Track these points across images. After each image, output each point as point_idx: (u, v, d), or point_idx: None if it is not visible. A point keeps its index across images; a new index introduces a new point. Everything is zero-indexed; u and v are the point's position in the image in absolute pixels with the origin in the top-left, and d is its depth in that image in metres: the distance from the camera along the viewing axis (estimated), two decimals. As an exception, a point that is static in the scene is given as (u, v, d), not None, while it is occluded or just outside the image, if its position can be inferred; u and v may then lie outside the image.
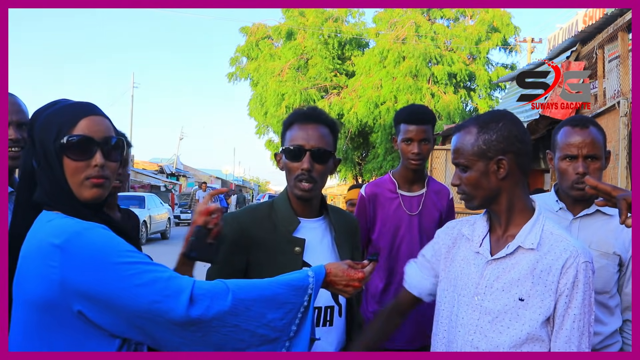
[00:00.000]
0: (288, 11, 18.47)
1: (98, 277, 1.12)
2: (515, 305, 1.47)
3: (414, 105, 2.64)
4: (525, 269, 1.48)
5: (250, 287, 1.25)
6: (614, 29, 5.40)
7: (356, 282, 1.43)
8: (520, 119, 1.57)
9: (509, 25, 16.77)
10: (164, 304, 1.13)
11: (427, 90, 16.10)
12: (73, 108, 1.29)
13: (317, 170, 1.70)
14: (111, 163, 1.29)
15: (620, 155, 4.70)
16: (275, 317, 1.25)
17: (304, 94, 17.05)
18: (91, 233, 1.16)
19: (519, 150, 1.50)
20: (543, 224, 1.52)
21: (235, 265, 1.69)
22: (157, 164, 37.95)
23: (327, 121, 1.77)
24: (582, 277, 1.44)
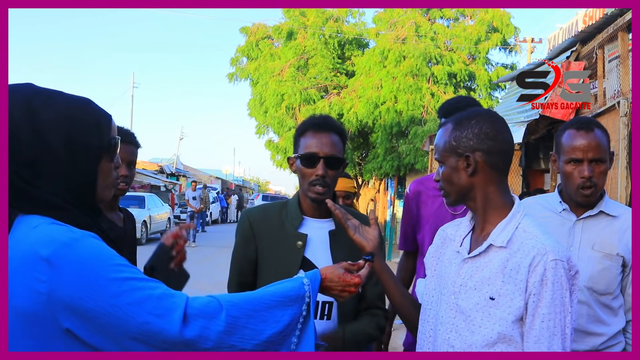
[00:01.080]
0: (288, 11, 18.46)
1: (89, 293, 1.05)
2: (486, 304, 1.46)
3: (454, 99, 2.55)
4: (496, 268, 1.47)
5: (244, 303, 1.20)
6: (614, 29, 5.40)
7: (352, 287, 1.43)
8: (502, 119, 1.57)
9: (509, 26, 16.75)
10: (156, 324, 1.08)
11: (427, 90, 16.10)
12: (97, 107, 1.24)
13: (330, 175, 1.85)
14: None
15: (620, 155, 4.70)
16: (274, 332, 1.21)
17: (304, 93, 17.04)
18: (81, 244, 1.09)
19: (489, 148, 1.50)
20: (519, 221, 1.51)
21: (247, 253, 1.91)
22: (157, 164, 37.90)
23: (337, 129, 1.92)
24: (551, 276, 1.40)
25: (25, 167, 1.14)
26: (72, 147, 1.17)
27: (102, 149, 1.21)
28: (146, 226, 15.68)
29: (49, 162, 1.15)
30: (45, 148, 1.15)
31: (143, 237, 15.15)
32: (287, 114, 17.25)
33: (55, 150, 1.15)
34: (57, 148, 1.16)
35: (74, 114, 1.19)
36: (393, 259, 12.86)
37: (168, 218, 17.78)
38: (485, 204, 1.54)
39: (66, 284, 1.05)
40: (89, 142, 1.19)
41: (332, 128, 1.90)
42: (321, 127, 1.89)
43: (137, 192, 19.50)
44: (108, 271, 1.08)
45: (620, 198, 4.63)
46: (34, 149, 1.14)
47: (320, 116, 1.96)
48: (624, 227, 2.07)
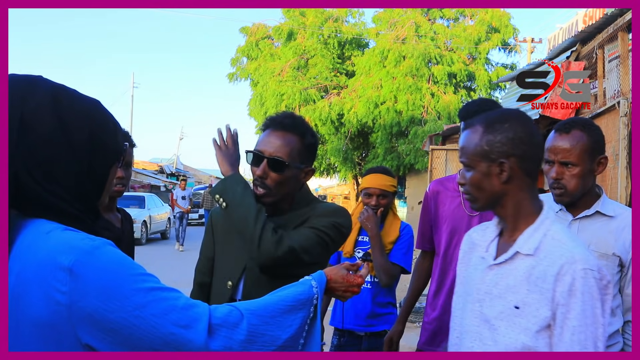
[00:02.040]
0: (288, 11, 18.47)
1: (112, 304, 1.00)
2: (511, 312, 1.42)
3: (475, 102, 2.53)
4: (521, 275, 1.43)
5: (262, 310, 1.19)
6: (614, 29, 5.40)
7: (355, 288, 1.45)
8: (532, 120, 1.51)
9: (508, 26, 16.77)
10: (182, 336, 1.04)
11: (427, 90, 16.10)
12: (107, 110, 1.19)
13: (272, 178, 1.71)
14: None
15: (620, 155, 4.70)
16: (288, 336, 1.21)
17: (304, 93, 17.05)
18: (102, 253, 1.03)
19: (524, 154, 1.44)
20: (548, 228, 1.45)
21: (207, 252, 1.91)
22: (157, 164, 37.93)
23: (296, 130, 1.75)
24: (580, 285, 1.34)
25: (39, 166, 1.05)
26: (94, 147, 1.11)
27: (117, 153, 1.17)
28: (146, 226, 15.67)
29: (68, 163, 1.08)
30: (69, 146, 1.07)
31: (143, 237, 15.15)
32: (287, 114, 17.26)
33: (78, 149, 1.08)
34: (81, 147, 1.09)
35: (97, 114, 1.14)
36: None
37: (168, 218, 17.77)
38: (515, 211, 1.48)
39: (89, 295, 1.00)
40: (109, 144, 1.15)
41: (288, 128, 1.74)
42: (277, 125, 1.75)
43: (137, 192, 19.50)
44: (131, 281, 1.03)
45: (620, 198, 4.63)
46: (55, 146, 1.06)
47: (283, 113, 1.81)
48: (621, 227, 2.07)
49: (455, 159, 9.17)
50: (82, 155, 1.09)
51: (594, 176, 2.08)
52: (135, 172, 28.56)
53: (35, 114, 1.05)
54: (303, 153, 1.76)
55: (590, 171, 2.05)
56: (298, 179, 1.78)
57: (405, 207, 15.88)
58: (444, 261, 2.47)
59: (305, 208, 1.82)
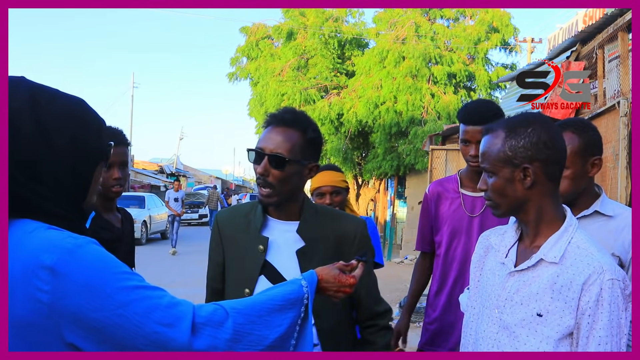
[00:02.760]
0: (288, 11, 18.46)
1: (95, 303, 1.00)
2: (533, 320, 1.40)
3: (474, 103, 2.51)
4: (545, 283, 1.41)
5: (248, 309, 1.19)
6: (614, 29, 5.40)
7: (347, 288, 1.43)
8: (553, 123, 1.49)
9: (508, 26, 16.76)
10: (165, 334, 1.04)
11: (427, 91, 16.10)
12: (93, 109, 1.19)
13: (274, 175, 1.66)
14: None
15: (620, 155, 4.70)
16: (277, 336, 1.21)
17: (304, 93, 17.05)
18: (85, 251, 1.03)
19: (547, 158, 1.42)
20: (572, 236, 1.43)
21: (216, 258, 1.85)
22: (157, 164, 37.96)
23: (298, 125, 1.71)
24: (608, 296, 1.33)
25: (22, 168, 1.06)
26: (75, 148, 1.11)
27: (101, 153, 1.18)
28: (146, 226, 15.69)
29: (49, 163, 1.08)
30: (48, 147, 1.07)
31: (143, 237, 15.16)
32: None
33: (59, 150, 1.08)
34: (60, 148, 1.09)
35: (78, 114, 1.13)
36: (393, 259, 12.83)
37: (168, 218, 17.80)
38: (538, 216, 1.46)
39: (71, 294, 0.99)
40: (91, 145, 1.14)
41: (289, 123, 1.70)
42: (278, 122, 1.71)
43: (137, 192, 19.51)
44: (114, 279, 1.03)
45: (620, 198, 4.63)
46: (35, 148, 1.06)
47: (283, 109, 1.76)
48: (620, 227, 2.06)
49: (456, 159, 9.17)
50: (63, 156, 1.09)
51: (587, 177, 2.07)
52: (135, 172, 28.56)
53: (16, 115, 1.05)
54: (305, 148, 1.71)
55: (583, 173, 2.03)
56: (302, 176, 1.73)
57: (405, 207, 15.86)
58: (444, 262, 2.46)
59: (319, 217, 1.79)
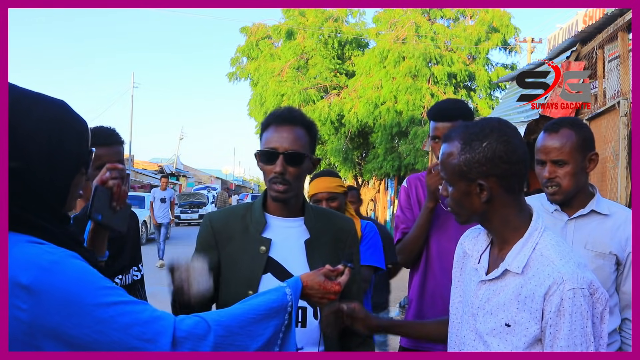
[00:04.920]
0: (288, 11, 18.46)
1: (73, 321, 1.00)
2: (502, 330, 1.40)
3: (444, 101, 2.54)
4: (511, 294, 1.40)
5: (230, 320, 1.19)
6: (614, 29, 5.39)
7: (332, 295, 1.44)
8: (514, 130, 1.44)
9: (509, 26, 16.76)
10: (145, 349, 1.04)
11: (427, 91, 16.09)
12: (76, 113, 1.17)
13: (291, 172, 1.70)
14: None
15: (620, 155, 4.70)
16: (259, 345, 1.21)
17: (304, 94, 17.05)
18: (63, 268, 1.02)
19: (504, 173, 1.38)
20: (536, 242, 1.41)
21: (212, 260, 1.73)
22: (157, 164, 37.96)
23: (303, 122, 1.76)
24: (569, 306, 1.31)
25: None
26: (54, 156, 1.09)
27: (81, 159, 1.16)
28: (146, 226, 15.69)
29: (26, 173, 1.06)
30: (25, 157, 1.06)
31: (143, 237, 15.15)
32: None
33: (36, 160, 1.07)
34: (37, 158, 1.07)
35: (58, 120, 1.11)
36: (393, 259, 12.74)
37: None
38: (502, 225, 1.45)
39: (49, 312, 0.99)
40: (71, 151, 1.12)
41: (295, 121, 1.74)
42: (284, 121, 1.74)
43: (137, 192, 19.51)
44: (93, 296, 1.02)
45: (620, 198, 4.63)
46: (12, 158, 1.04)
47: (285, 108, 1.80)
48: (617, 225, 2.08)
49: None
50: (38, 163, 1.07)
51: (586, 174, 2.09)
52: (135, 172, 28.57)
53: None
54: (311, 144, 1.78)
55: (582, 168, 2.06)
56: (309, 171, 1.80)
57: (405, 207, 15.87)
58: (425, 257, 2.46)
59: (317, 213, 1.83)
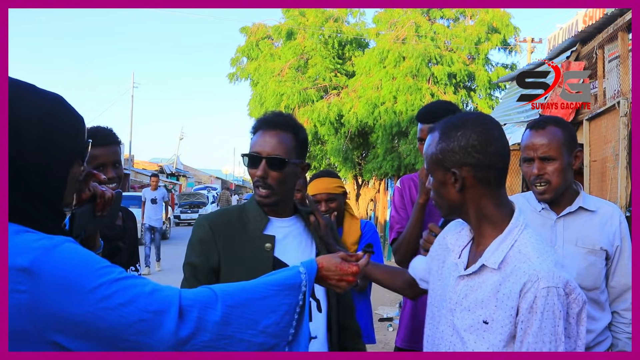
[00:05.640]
0: (288, 11, 18.45)
1: (77, 299, 0.98)
2: (480, 327, 1.39)
3: (431, 104, 2.56)
4: (489, 291, 1.39)
5: (239, 292, 1.16)
6: (614, 29, 5.39)
7: (350, 277, 1.38)
8: (495, 125, 1.44)
9: (509, 26, 16.75)
10: (152, 321, 1.03)
11: (427, 91, 16.08)
12: (71, 107, 1.17)
13: (273, 177, 1.73)
14: None
15: (620, 155, 4.70)
16: (272, 322, 1.17)
17: (304, 94, 17.04)
18: (61, 250, 1.01)
19: (477, 163, 1.39)
20: (515, 239, 1.40)
21: (209, 264, 1.73)
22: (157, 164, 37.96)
23: (289, 127, 1.77)
24: (541, 304, 1.30)
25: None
26: (46, 150, 1.08)
27: (76, 153, 1.15)
28: (144, 227, 15.66)
29: (19, 165, 1.06)
30: (18, 149, 1.05)
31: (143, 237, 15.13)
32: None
33: (29, 152, 1.06)
34: (31, 150, 1.06)
35: (50, 114, 1.10)
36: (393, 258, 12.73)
37: (168, 218, 17.81)
38: (479, 218, 1.45)
39: (50, 293, 0.97)
40: (64, 146, 1.11)
41: (280, 126, 1.76)
42: (269, 125, 1.76)
43: (137, 192, 19.50)
44: (94, 275, 1.01)
45: (620, 198, 4.63)
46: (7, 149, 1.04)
47: (273, 113, 1.83)
48: (604, 221, 2.10)
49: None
50: (34, 159, 1.07)
51: (572, 170, 2.10)
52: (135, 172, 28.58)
53: None
54: (298, 149, 1.79)
55: (569, 164, 2.07)
56: (296, 176, 1.81)
57: (405, 207, 15.87)
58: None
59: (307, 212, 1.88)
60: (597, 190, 5.23)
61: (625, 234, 2.12)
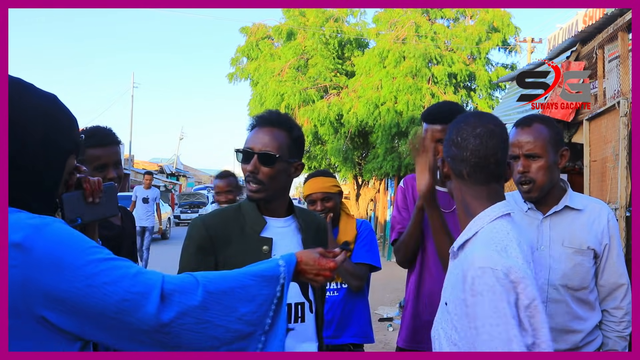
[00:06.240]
0: (288, 11, 18.46)
1: (65, 276, 1.03)
2: (443, 308, 1.42)
3: (437, 104, 2.56)
4: (452, 273, 1.45)
5: (220, 280, 1.22)
6: (614, 29, 5.39)
7: (327, 272, 1.42)
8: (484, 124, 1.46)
9: (509, 26, 16.75)
10: (135, 301, 1.07)
11: (427, 91, 16.09)
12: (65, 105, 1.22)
13: (264, 172, 1.75)
14: None
15: (620, 155, 4.70)
16: (248, 310, 1.22)
17: (304, 94, 17.04)
18: (52, 228, 1.06)
19: (454, 156, 1.47)
20: (481, 227, 1.42)
21: (206, 267, 1.69)
22: (157, 164, 37.96)
23: (284, 125, 1.80)
24: (478, 284, 1.28)
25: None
26: (48, 147, 1.13)
27: (70, 149, 1.20)
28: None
29: (22, 161, 1.10)
30: (21, 147, 1.10)
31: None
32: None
33: (31, 149, 1.11)
34: (33, 147, 1.11)
35: (50, 111, 1.15)
36: (393, 258, 12.83)
37: (168, 218, 17.82)
38: (460, 209, 1.51)
39: (40, 268, 1.01)
40: (62, 142, 1.17)
41: (275, 123, 1.79)
42: (264, 122, 1.80)
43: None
44: (83, 253, 1.06)
45: (620, 198, 4.63)
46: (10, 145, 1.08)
47: (269, 111, 1.86)
48: (592, 220, 2.09)
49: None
50: (35, 154, 1.11)
51: (558, 169, 2.08)
52: (135, 172, 28.59)
53: None
54: (292, 147, 1.81)
55: (555, 163, 2.05)
56: (289, 174, 1.83)
57: (406, 207, 15.86)
58: (420, 257, 2.45)
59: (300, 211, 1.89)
60: (597, 190, 5.23)
61: (614, 231, 2.10)
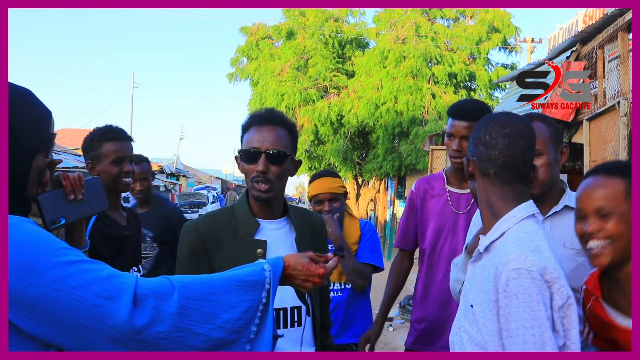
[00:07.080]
0: (288, 11, 18.47)
1: (30, 280, 0.97)
2: (469, 311, 1.41)
3: (465, 100, 2.56)
4: (477, 275, 1.43)
5: (198, 285, 1.14)
6: (614, 29, 5.39)
7: (316, 278, 1.35)
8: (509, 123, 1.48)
9: (510, 26, 16.76)
10: (106, 307, 1.01)
11: (428, 91, 16.09)
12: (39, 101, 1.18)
13: (273, 172, 1.71)
14: None
15: (621, 155, 4.69)
16: (231, 317, 1.14)
17: (304, 94, 17.05)
18: (18, 230, 1.01)
19: (481, 155, 1.48)
20: (508, 227, 1.42)
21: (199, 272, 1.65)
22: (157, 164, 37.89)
23: (284, 123, 1.78)
24: (514, 287, 1.27)
25: None
26: (11, 141, 1.09)
27: (38, 146, 1.15)
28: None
29: None
30: None
31: (143, 237, 15.14)
32: (286, 114, 17.27)
33: None
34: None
35: (14, 106, 1.11)
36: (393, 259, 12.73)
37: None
38: (483, 208, 1.50)
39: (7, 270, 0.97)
40: (24, 137, 1.12)
41: (276, 121, 1.76)
42: (265, 121, 1.76)
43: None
44: (50, 255, 1.00)
45: (620, 198, 4.62)
46: None
47: (265, 109, 1.82)
48: None
49: (456, 159, 9.15)
50: None
51: (558, 166, 2.08)
52: (135, 172, 28.52)
53: None
54: (292, 145, 1.79)
55: (556, 160, 2.05)
56: (291, 172, 1.81)
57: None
58: (430, 259, 2.45)
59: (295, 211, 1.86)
60: (597, 190, 5.21)
61: None
